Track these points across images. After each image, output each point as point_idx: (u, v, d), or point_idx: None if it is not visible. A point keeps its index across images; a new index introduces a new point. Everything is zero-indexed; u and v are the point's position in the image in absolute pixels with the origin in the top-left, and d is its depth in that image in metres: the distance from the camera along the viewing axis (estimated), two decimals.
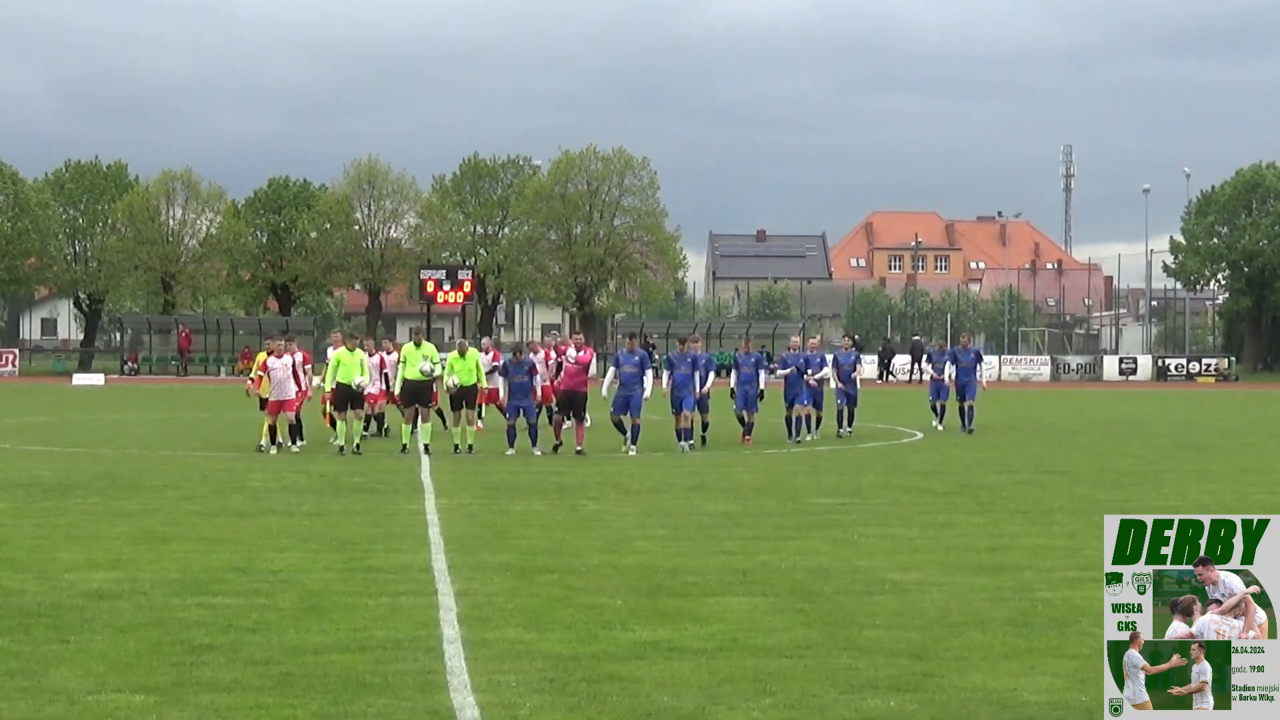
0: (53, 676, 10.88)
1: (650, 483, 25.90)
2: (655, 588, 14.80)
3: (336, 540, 18.06)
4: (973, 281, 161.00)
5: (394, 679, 10.85)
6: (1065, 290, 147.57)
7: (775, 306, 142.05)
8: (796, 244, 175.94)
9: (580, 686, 10.69)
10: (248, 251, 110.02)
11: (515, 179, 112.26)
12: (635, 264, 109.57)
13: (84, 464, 28.76)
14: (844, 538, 18.72)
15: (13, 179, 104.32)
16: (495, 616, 13.19)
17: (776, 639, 12.36)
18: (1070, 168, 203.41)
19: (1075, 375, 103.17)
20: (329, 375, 32.46)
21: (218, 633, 12.37)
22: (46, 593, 14.24)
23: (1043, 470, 29.03)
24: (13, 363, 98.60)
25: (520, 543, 17.98)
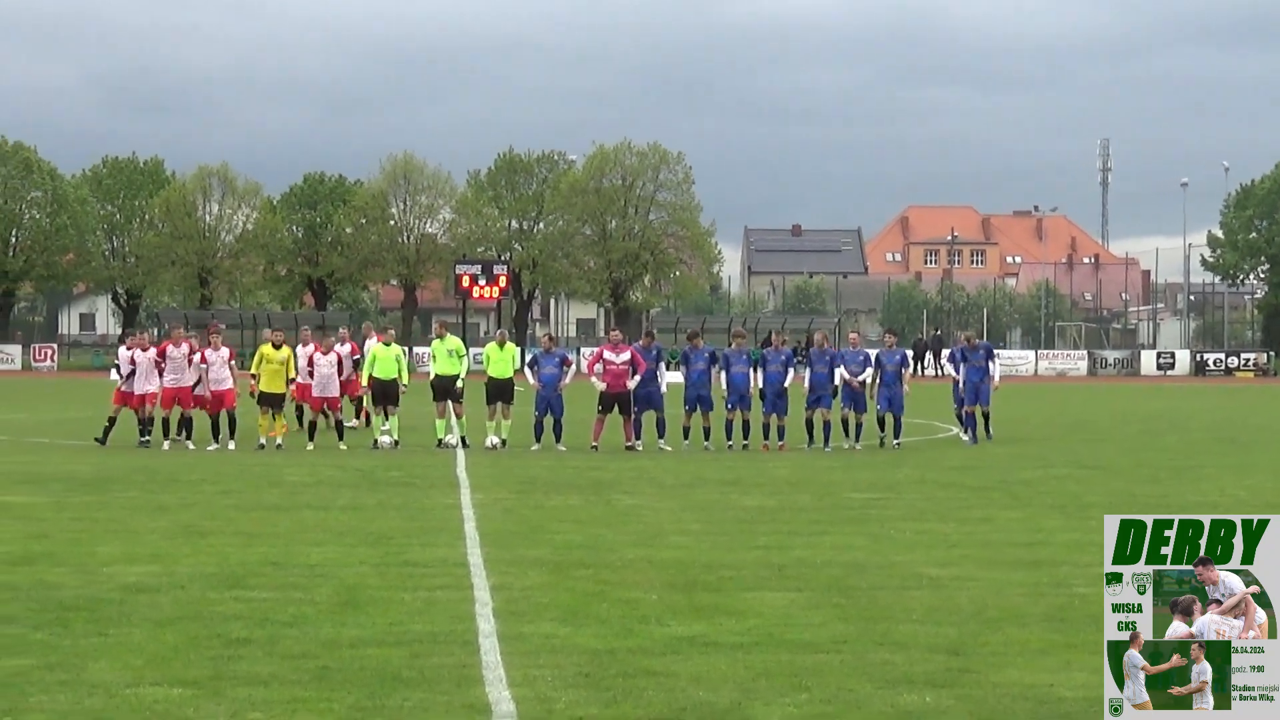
0: (91, 670, 10.92)
1: (685, 477, 25.89)
2: (690, 582, 14.80)
3: (373, 535, 18.10)
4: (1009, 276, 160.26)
5: (430, 673, 10.86)
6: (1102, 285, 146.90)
7: (811, 301, 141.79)
8: (832, 238, 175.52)
9: (615, 681, 10.70)
10: (284, 247, 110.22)
11: (550, 174, 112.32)
12: (670, 259, 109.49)
13: (122, 458, 28.85)
14: (880, 533, 18.70)
15: (51, 175, 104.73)
16: (531, 611, 13.20)
17: (812, 634, 12.35)
18: (1107, 161, 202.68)
19: (1112, 370, 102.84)
20: (365, 370, 32.50)
21: (255, 626, 12.41)
22: (85, 586, 14.30)
23: (1080, 465, 28.94)
24: (51, 358, 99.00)
25: (556, 537, 17.99)
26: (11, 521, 19.08)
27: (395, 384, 32.06)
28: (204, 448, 31.07)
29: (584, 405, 33.31)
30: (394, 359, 32.28)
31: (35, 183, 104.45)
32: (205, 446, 31.17)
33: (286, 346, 32.41)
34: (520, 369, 33.02)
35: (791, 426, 32.59)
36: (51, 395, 59.41)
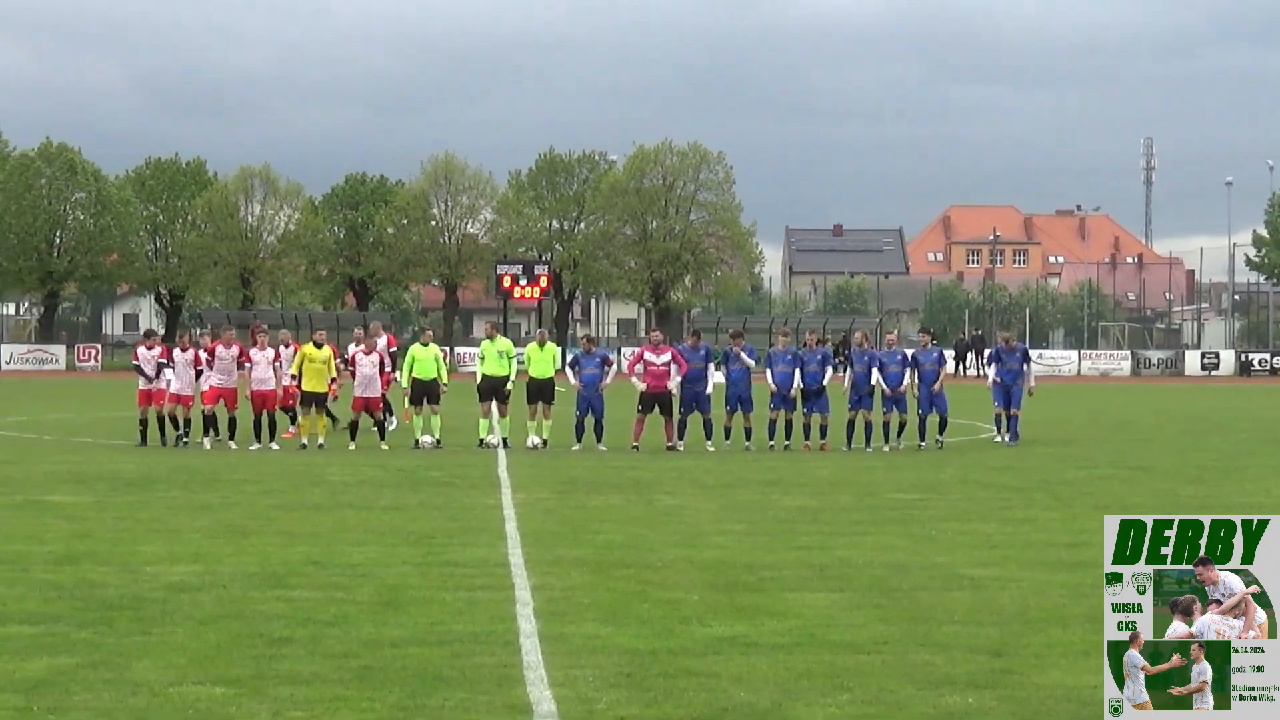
0: (134, 668, 10.97)
1: (727, 478, 25.88)
2: (732, 583, 14.79)
3: (414, 534, 18.13)
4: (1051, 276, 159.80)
5: (471, 673, 10.88)
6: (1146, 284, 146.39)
7: (852, 301, 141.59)
8: (873, 238, 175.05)
9: (657, 681, 10.70)
10: (325, 247, 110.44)
11: (591, 174, 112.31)
12: (711, 259, 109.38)
13: (165, 458, 28.96)
14: (922, 533, 18.67)
15: (95, 176, 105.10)
16: (572, 611, 13.21)
17: (854, 635, 12.34)
18: (1151, 160, 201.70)
19: (1156, 370, 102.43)
20: (404, 371, 32.54)
21: (297, 626, 12.44)
22: (128, 585, 14.36)
23: (1123, 466, 28.86)
24: (95, 358, 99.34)
25: (597, 537, 18.00)
26: (56, 521, 19.18)
27: (435, 384, 32.10)
28: (245, 447, 31.16)
29: (625, 405, 33.32)
30: (433, 359, 32.30)
31: (79, 184, 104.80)
32: (247, 446, 31.25)
33: (328, 346, 32.47)
34: (561, 369, 33.04)
35: (833, 426, 32.50)
36: (95, 395, 59.62)
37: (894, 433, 32.66)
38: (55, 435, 35.89)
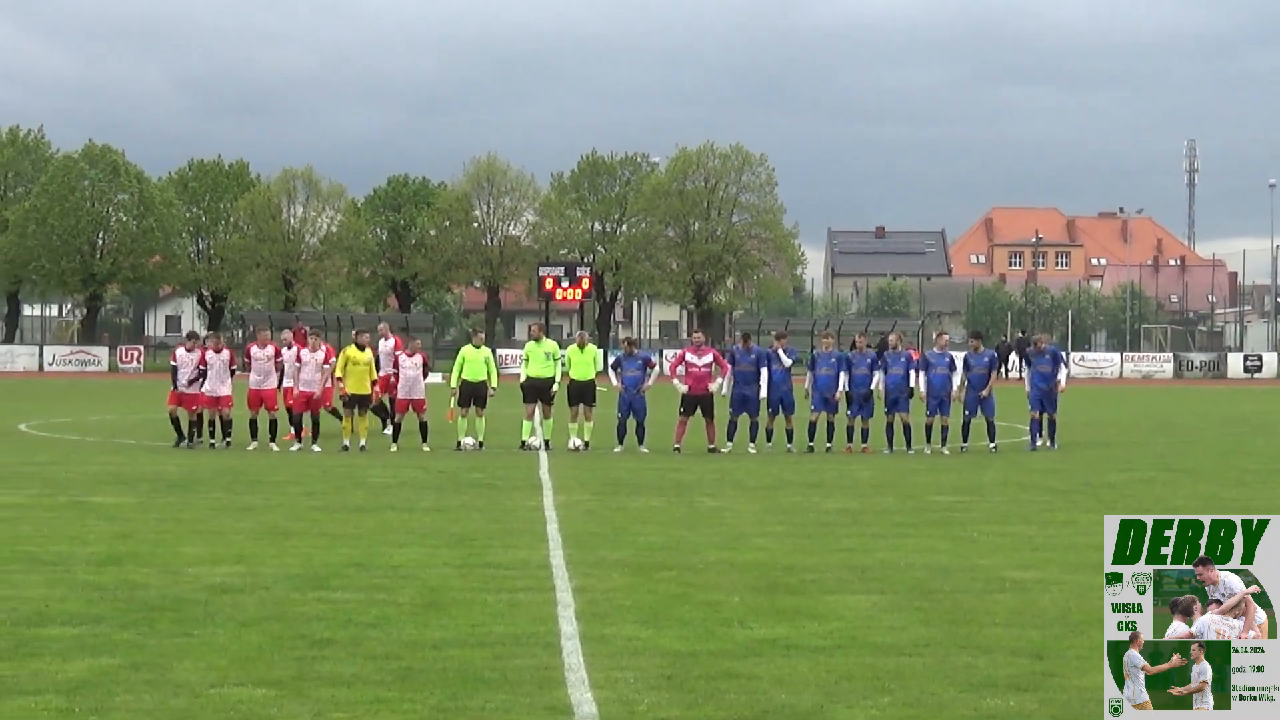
0: (176, 670, 11.00)
1: (768, 480, 25.85)
2: (773, 585, 14.78)
3: (456, 536, 18.16)
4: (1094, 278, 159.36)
5: (512, 674, 10.89)
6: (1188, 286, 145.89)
7: (894, 303, 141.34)
8: (916, 240, 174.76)
9: (698, 684, 10.69)
10: (367, 249, 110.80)
11: (633, 176, 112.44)
12: (753, 261, 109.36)
13: (207, 459, 29.05)
14: (963, 535, 18.62)
15: (138, 178, 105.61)
16: (613, 613, 13.21)
17: (895, 637, 12.31)
18: (1194, 162, 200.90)
19: (1199, 373, 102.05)
20: (454, 373, 32.49)
21: (338, 627, 12.47)
22: (170, 587, 14.40)
23: (1165, 468, 28.75)
24: (138, 359, 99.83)
25: (638, 539, 18.00)
26: (98, 522, 19.25)
27: (484, 386, 32.08)
28: (288, 448, 31.23)
29: (666, 407, 33.30)
30: (483, 361, 32.25)
31: (122, 185, 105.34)
32: (289, 447, 31.33)
33: (370, 348, 32.50)
34: (602, 371, 33.05)
35: (873, 429, 32.45)
36: (138, 396, 59.84)
37: (937, 436, 32.38)
38: (98, 436, 36.05)
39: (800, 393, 32.58)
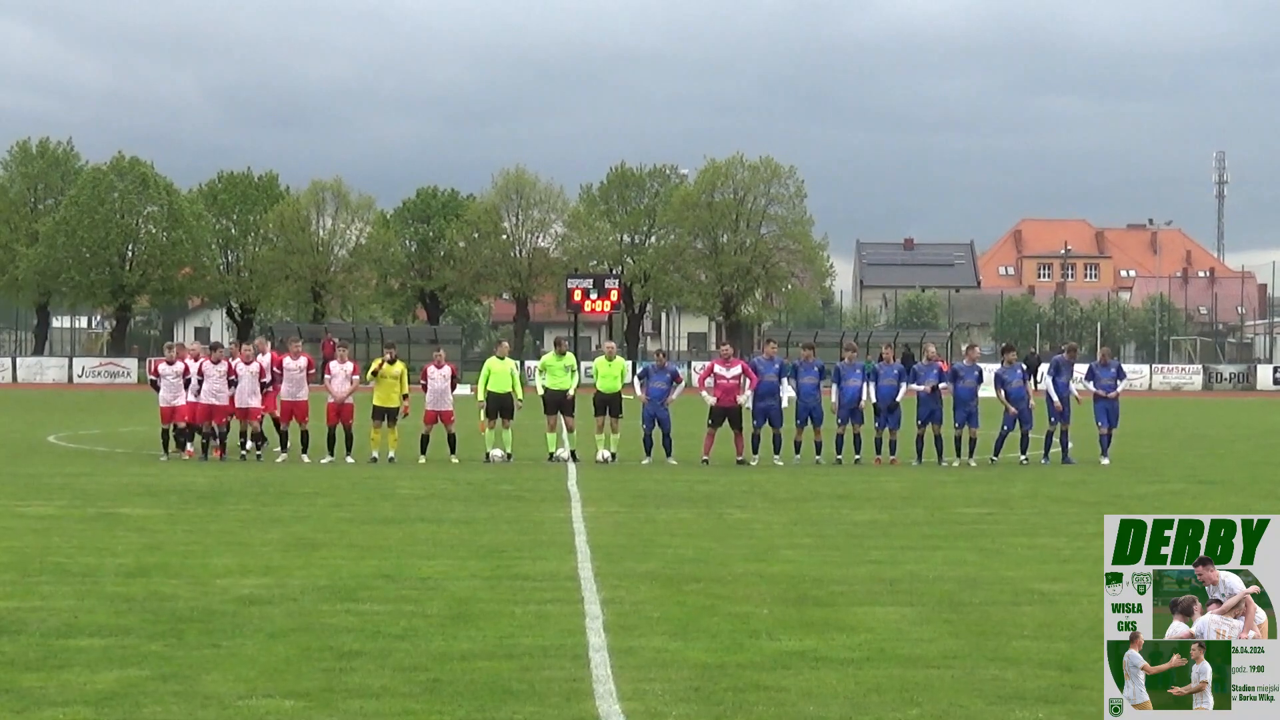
0: (204, 681, 11.02)
1: (797, 491, 25.83)
2: (802, 597, 14.76)
3: (484, 548, 18.16)
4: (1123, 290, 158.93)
5: (540, 686, 10.88)
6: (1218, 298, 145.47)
7: (923, 315, 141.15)
8: (944, 252, 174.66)
9: (726, 695, 10.68)
10: (396, 261, 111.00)
11: (661, 188, 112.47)
12: (782, 272, 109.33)
13: (236, 471, 29.11)
14: (992, 548, 18.59)
15: (167, 190, 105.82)
16: (641, 625, 13.21)
17: (923, 649, 12.29)
18: (1223, 173, 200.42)
19: (1228, 384, 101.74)
20: (480, 384, 32.51)
21: (366, 639, 12.48)
22: (199, 598, 14.43)
23: (1195, 480, 28.66)
24: None
25: (666, 551, 17.99)
26: (127, 533, 19.30)
27: (510, 397, 32.11)
28: (318, 460, 31.27)
29: (694, 419, 33.26)
30: (509, 373, 32.27)
31: (151, 197, 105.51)
32: (319, 459, 31.37)
33: (401, 361, 32.55)
34: (629, 382, 33.05)
35: (902, 440, 32.40)
36: None
37: (965, 448, 32.32)
38: (127, 448, 36.12)
39: (827, 405, 32.51)
